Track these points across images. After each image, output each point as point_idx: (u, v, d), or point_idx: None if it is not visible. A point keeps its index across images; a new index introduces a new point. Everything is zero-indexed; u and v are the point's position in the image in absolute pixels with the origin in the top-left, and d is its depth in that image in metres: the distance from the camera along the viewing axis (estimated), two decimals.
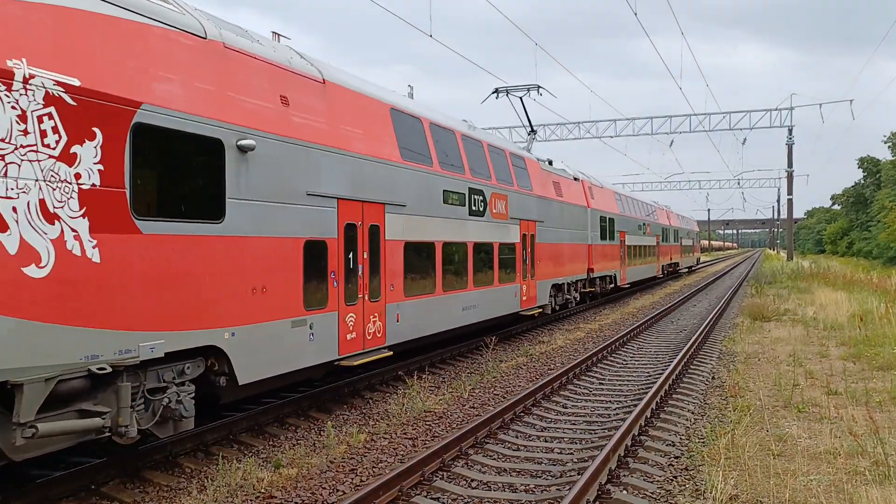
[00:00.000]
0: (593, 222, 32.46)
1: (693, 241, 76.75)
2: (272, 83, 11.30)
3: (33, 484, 8.67)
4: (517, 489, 9.30)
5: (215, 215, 9.92)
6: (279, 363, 11.17)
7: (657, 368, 17.49)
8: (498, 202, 20.64)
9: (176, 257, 9.12)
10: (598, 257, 32.94)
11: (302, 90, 12.01)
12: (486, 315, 19.76)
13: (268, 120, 10.99)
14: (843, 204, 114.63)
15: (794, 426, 11.87)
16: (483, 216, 19.43)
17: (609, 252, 35.33)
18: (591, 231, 31.96)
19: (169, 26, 9.43)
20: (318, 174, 12.10)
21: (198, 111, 9.63)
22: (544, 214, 25.01)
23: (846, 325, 23.85)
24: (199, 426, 11.44)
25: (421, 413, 13.15)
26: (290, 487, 9.27)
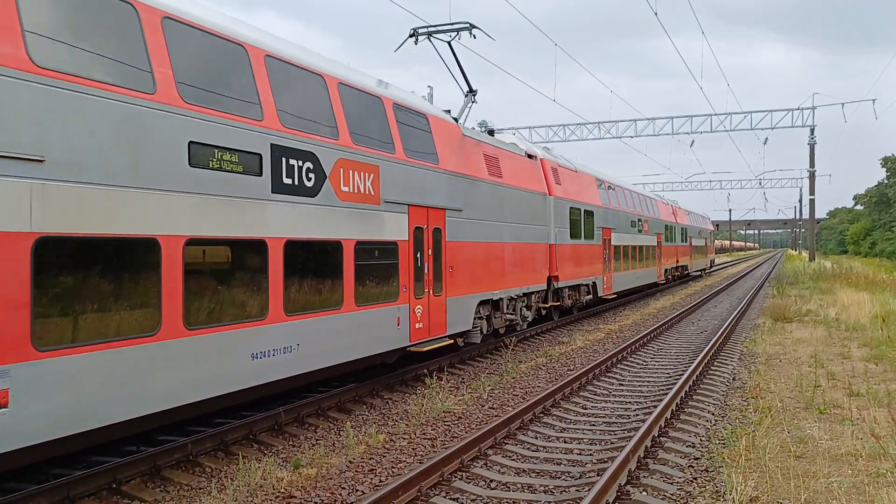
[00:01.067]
0: (559, 215, 25.09)
1: (706, 241, 68.23)
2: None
3: (54, 482, 8.73)
4: (536, 490, 9.29)
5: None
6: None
7: (677, 369, 17.42)
8: (355, 175, 13.40)
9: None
10: (567, 261, 25.59)
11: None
12: (318, 363, 12.35)
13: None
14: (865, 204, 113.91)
15: (815, 428, 11.80)
16: (313, 196, 12.29)
17: (585, 254, 27.83)
18: (556, 227, 24.62)
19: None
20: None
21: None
22: (463, 200, 17.55)
23: (868, 326, 23.67)
24: (219, 426, 11.53)
25: (440, 413, 13.16)
26: (309, 487, 9.30)
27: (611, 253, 31.80)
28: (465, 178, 17.75)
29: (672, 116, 57.62)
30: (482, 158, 19.15)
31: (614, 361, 18.38)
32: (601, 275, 30.15)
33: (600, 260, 30.12)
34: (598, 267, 29.67)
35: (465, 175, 17.75)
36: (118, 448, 10.31)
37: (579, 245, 27.22)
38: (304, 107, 12.39)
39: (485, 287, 18.78)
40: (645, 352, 20.60)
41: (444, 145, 16.93)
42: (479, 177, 18.60)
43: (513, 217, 20.78)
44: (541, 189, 23.63)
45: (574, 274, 26.54)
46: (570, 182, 27.09)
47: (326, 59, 13.72)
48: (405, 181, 15.00)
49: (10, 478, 8.98)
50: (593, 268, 29.03)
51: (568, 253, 25.79)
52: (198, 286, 9.79)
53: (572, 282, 26.35)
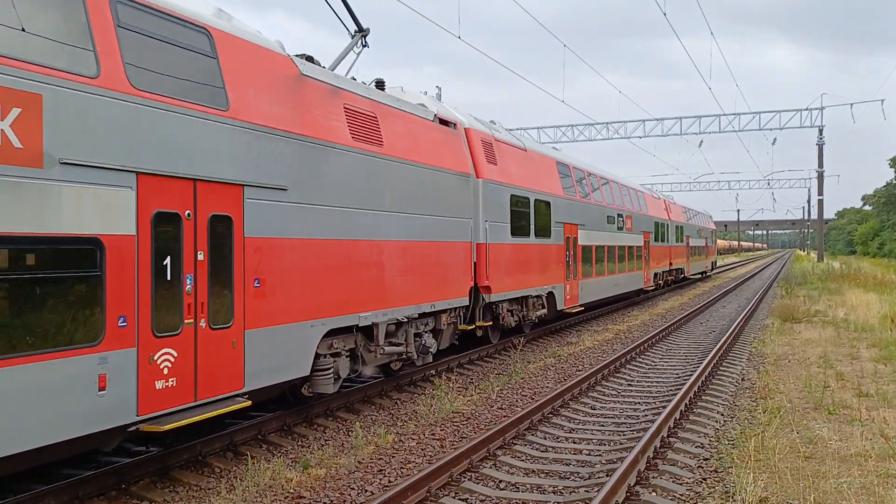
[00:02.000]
0: (494, 204, 18.96)
1: (706, 241, 61.98)
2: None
3: (64, 482, 8.76)
4: (545, 490, 9.29)
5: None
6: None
7: (686, 370, 17.40)
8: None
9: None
10: (505, 266, 19.48)
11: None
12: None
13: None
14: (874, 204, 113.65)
15: (824, 428, 11.78)
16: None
17: (536, 257, 21.77)
18: (488, 220, 18.44)
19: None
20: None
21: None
22: (293, 174, 11.44)
23: (877, 326, 23.62)
24: (229, 426, 11.56)
25: (449, 414, 13.17)
26: (318, 488, 9.31)
27: (576, 255, 25.57)
28: (297, 139, 11.40)
29: (681, 117, 57.60)
30: (342, 115, 12.78)
31: (623, 362, 18.36)
32: (562, 282, 24.03)
33: (560, 264, 23.90)
34: (556, 273, 23.49)
35: (297, 135, 11.42)
36: (127, 449, 10.35)
37: (526, 245, 20.98)
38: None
39: (341, 307, 12.48)
40: (654, 352, 20.57)
41: (247, 82, 10.80)
42: (331, 140, 12.24)
43: (404, 204, 14.49)
44: (462, 168, 17.21)
45: (517, 283, 20.29)
46: (513, 162, 20.99)
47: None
48: (126, 129, 8.72)
49: (20, 478, 9.01)
50: (549, 274, 22.87)
51: (507, 255, 19.54)
52: None
53: (514, 293, 20.08)
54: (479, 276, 18.02)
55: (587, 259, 26.95)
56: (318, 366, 12.17)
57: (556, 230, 23.57)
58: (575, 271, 25.39)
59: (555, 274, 23.41)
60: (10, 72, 7.40)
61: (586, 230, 26.87)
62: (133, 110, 8.79)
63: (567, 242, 24.72)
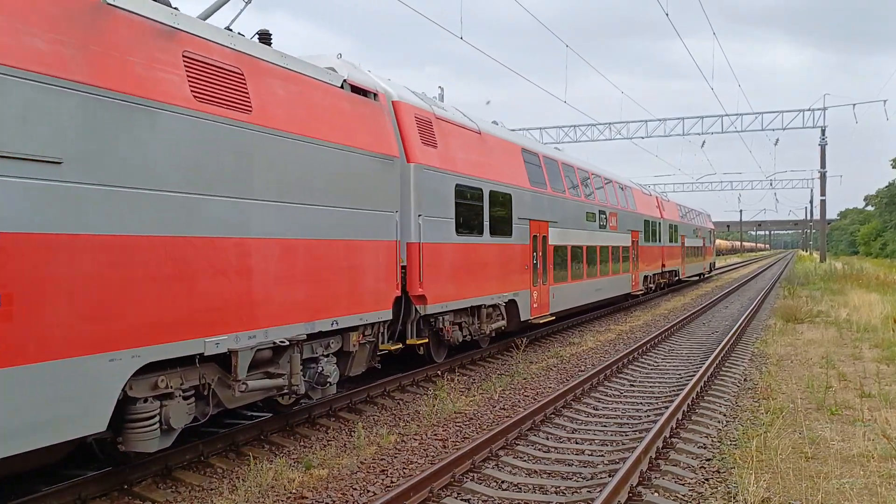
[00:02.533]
0: (431, 196, 15.81)
1: (704, 242, 58.92)
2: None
3: (66, 483, 8.77)
4: (548, 490, 9.29)
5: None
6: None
7: (689, 370, 17.39)
8: None
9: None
10: (448, 270, 16.33)
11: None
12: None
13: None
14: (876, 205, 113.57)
15: (826, 429, 11.77)
16: None
17: (493, 259, 18.60)
18: (422, 214, 15.34)
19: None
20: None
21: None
22: (78, 146, 7.91)
23: (880, 327, 23.60)
24: (230, 426, 11.57)
25: (451, 414, 13.17)
26: (320, 488, 9.32)
27: (546, 256, 22.39)
28: (83, 91, 7.98)
29: (683, 117, 57.63)
30: (179, 66, 9.39)
31: (625, 362, 18.36)
32: (527, 288, 20.76)
33: (525, 267, 20.69)
34: (520, 277, 20.30)
35: (84, 86, 8.00)
36: None
37: (478, 245, 17.85)
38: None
39: (170, 331, 8.96)
40: (656, 352, 20.57)
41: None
42: (154, 98, 8.89)
43: (287, 192, 10.93)
44: (383, 149, 13.70)
45: (465, 290, 17.11)
46: (461, 146, 17.67)
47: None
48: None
49: (23, 478, 9.03)
50: (511, 279, 19.62)
51: (450, 258, 16.42)
52: None
53: (461, 303, 16.91)
54: (411, 282, 14.87)
55: (561, 261, 23.81)
56: (133, 414, 8.70)
57: (519, 227, 20.31)
58: (545, 275, 22.20)
59: (518, 279, 20.14)
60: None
61: (560, 228, 23.74)
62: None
63: (535, 242, 21.51)
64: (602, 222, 28.99)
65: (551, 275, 22.75)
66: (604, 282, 28.95)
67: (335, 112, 12.47)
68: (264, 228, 10.42)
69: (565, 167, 25.44)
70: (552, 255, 22.87)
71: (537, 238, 21.71)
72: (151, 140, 8.78)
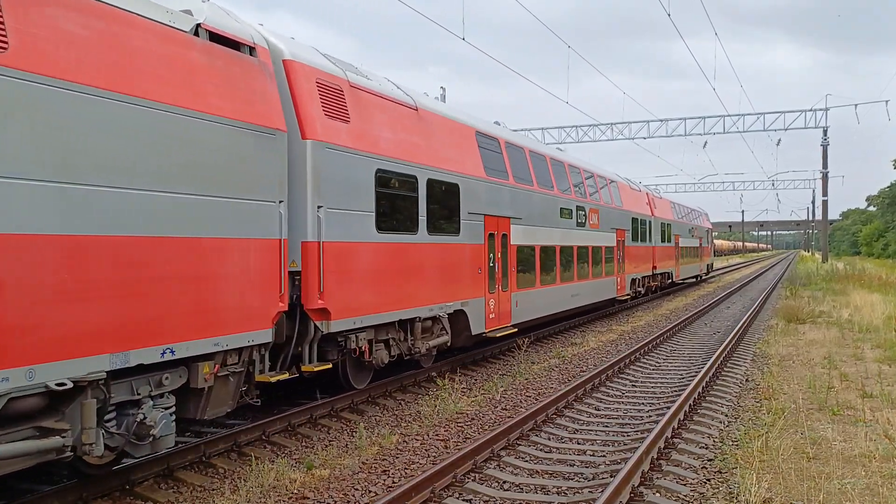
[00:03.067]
0: (336, 181, 12.45)
1: (701, 242, 55.40)
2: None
3: (68, 483, 8.78)
4: (549, 491, 9.29)
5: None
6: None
7: (690, 371, 17.38)
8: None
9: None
10: (364, 276, 13.15)
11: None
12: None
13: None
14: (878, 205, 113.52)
15: (828, 429, 11.77)
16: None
17: (429, 262, 15.37)
18: (323, 204, 12.10)
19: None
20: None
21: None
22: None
23: (881, 327, 23.60)
24: (232, 426, 11.58)
25: (453, 414, 13.17)
26: (322, 488, 9.32)
27: (507, 258, 19.26)
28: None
29: (685, 118, 57.65)
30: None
31: (627, 363, 18.35)
32: (481, 296, 17.61)
33: (478, 271, 17.47)
34: (471, 283, 17.06)
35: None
36: None
37: (410, 245, 14.59)
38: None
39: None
40: (658, 353, 20.56)
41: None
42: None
43: (69, 167, 7.73)
44: (258, 118, 10.60)
45: (392, 300, 13.92)
46: (387, 123, 14.20)
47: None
48: None
49: (24, 479, 9.04)
50: (456, 286, 16.35)
51: (367, 261, 13.17)
52: None
53: (383, 316, 13.63)
54: (307, 293, 11.68)
55: (527, 263, 20.70)
56: None
57: (470, 224, 17.10)
58: (505, 280, 19.11)
59: (468, 285, 16.94)
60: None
61: (526, 225, 20.58)
62: None
63: (492, 241, 18.35)
64: (580, 219, 25.90)
65: (514, 279, 19.64)
66: (582, 286, 25.87)
67: (176, 64, 9.34)
68: (29, 220, 7.23)
69: (534, 157, 22.36)
70: (515, 256, 19.71)
71: (495, 237, 18.59)
72: None
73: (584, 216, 26.26)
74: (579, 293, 25.49)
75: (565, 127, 59.85)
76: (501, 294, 18.85)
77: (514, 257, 19.65)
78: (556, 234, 23.32)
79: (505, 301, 19.05)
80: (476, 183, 17.51)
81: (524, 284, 20.39)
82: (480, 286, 17.56)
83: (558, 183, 23.92)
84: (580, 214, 25.89)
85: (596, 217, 27.82)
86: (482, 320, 17.63)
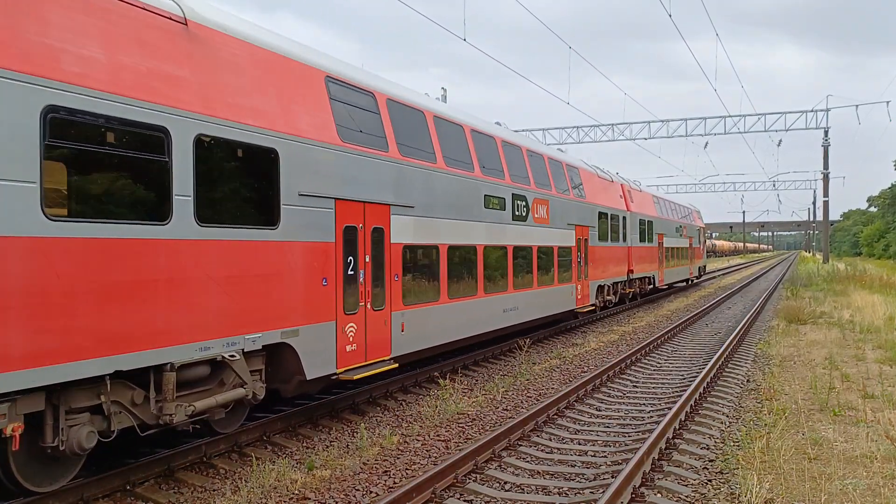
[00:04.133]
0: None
1: (691, 242, 49.52)
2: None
3: (69, 484, 8.77)
4: (550, 492, 9.28)
5: None
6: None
7: (692, 371, 17.37)
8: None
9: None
10: (61, 303, 7.80)
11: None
12: None
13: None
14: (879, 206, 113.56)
15: (829, 430, 11.76)
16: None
17: (158, 272, 9.07)
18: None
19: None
20: None
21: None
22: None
23: (883, 328, 23.60)
24: None
25: (454, 415, 13.16)
26: (323, 489, 9.31)
27: (382, 263, 13.75)
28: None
29: (686, 118, 57.62)
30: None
31: (628, 363, 18.34)
32: (326, 319, 12.15)
33: (322, 283, 12.07)
34: (303, 303, 11.61)
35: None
36: (132, 450, 10.35)
37: (143, 243, 8.96)
38: None
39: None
40: (659, 353, 20.54)
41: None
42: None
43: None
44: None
45: (93, 339, 8.21)
46: (80, 28, 8.39)
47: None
48: None
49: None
50: (263, 308, 10.84)
51: (17, 271, 7.49)
52: None
53: (76, 368, 8.00)
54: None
55: (422, 270, 15.36)
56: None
57: (301, 212, 11.55)
58: (379, 294, 13.54)
59: (300, 304, 11.50)
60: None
61: (420, 216, 15.07)
62: None
63: (351, 238, 12.77)
64: (519, 212, 20.38)
65: (398, 293, 14.20)
66: (521, 298, 20.35)
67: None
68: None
69: (443, 125, 16.64)
70: (400, 260, 14.33)
71: (361, 232, 13.05)
72: None
73: (524, 208, 20.72)
74: (516, 307, 20.06)
75: (566, 128, 59.90)
76: (372, 315, 13.32)
77: (397, 261, 14.18)
78: (479, 229, 17.80)
79: (379, 324, 13.55)
80: (316, 150, 11.90)
81: (419, 299, 15.02)
82: (326, 305, 12.07)
83: (484, 162, 18.41)
84: (519, 206, 20.35)
85: (544, 210, 22.30)
86: (330, 356, 12.13)
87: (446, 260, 16.20)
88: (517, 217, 20.22)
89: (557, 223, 23.37)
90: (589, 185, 27.58)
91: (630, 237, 33.07)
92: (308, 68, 12.44)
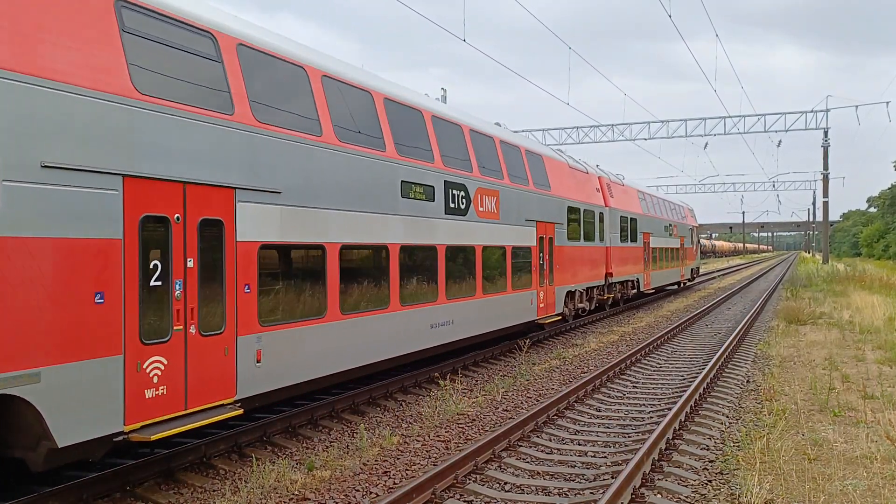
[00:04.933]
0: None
1: (683, 242, 45.87)
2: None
3: (68, 484, 8.77)
4: (550, 492, 9.27)
5: None
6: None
7: (692, 372, 17.36)
8: None
9: None
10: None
11: None
12: None
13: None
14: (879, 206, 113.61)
15: (829, 430, 11.76)
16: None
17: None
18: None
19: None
20: None
21: None
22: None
23: (882, 328, 23.60)
24: (233, 427, 11.56)
25: (454, 416, 13.16)
26: (323, 489, 9.31)
27: (221, 269, 9.95)
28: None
29: (686, 119, 57.62)
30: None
31: (628, 364, 18.33)
32: (94, 356, 8.07)
33: (96, 301, 8.12)
34: (48, 333, 7.58)
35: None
36: (132, 451, 10.35)
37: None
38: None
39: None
40: (659, 354, 20.54)
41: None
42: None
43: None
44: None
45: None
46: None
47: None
48: None
49: (26, 479, 9.04)
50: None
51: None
52: None
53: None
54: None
55: (293, 276, 11.64)
56: None
57: (32, 195, 7.55)
58: (214, 313, 9.83)
59: (39, 336, 7.56)
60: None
61: (291, 206, 11.37)
62: None
63: (148, 233, 8.91)
64: (456, 204, 16.79)
65: (251, 309, 10.50)
66: (458, 309, 16.80)
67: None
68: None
69: (333, 87, 12.97)
70: (255, 264, 10.56)
71: (177, 225, 9.27)
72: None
73: (464, 199, 17.12)
74: (451, 320, 16.45)
75: (566, 128, 59.93)
76: (198, 342, 9.54)
77: (249, 266, 10.48)
78: (393, 224, 14.26)
79: (212, 355, 9.79)
80: (80, 101, 8.12)
81: (289, 316, 11.33)
82: (100, 332, 8.21)
83: (402, 140, 14.83)
84: (455, 196, 16.75)
85: (493, 202, 18.66)
86: (110, 407, 8.33)
87: (337, 264, 12.45)
88: (453, 210, 16.57)
89: (512, 219, 19.75)
90: (556, 175, 23.67)
91: (609, 236, 29.43)
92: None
